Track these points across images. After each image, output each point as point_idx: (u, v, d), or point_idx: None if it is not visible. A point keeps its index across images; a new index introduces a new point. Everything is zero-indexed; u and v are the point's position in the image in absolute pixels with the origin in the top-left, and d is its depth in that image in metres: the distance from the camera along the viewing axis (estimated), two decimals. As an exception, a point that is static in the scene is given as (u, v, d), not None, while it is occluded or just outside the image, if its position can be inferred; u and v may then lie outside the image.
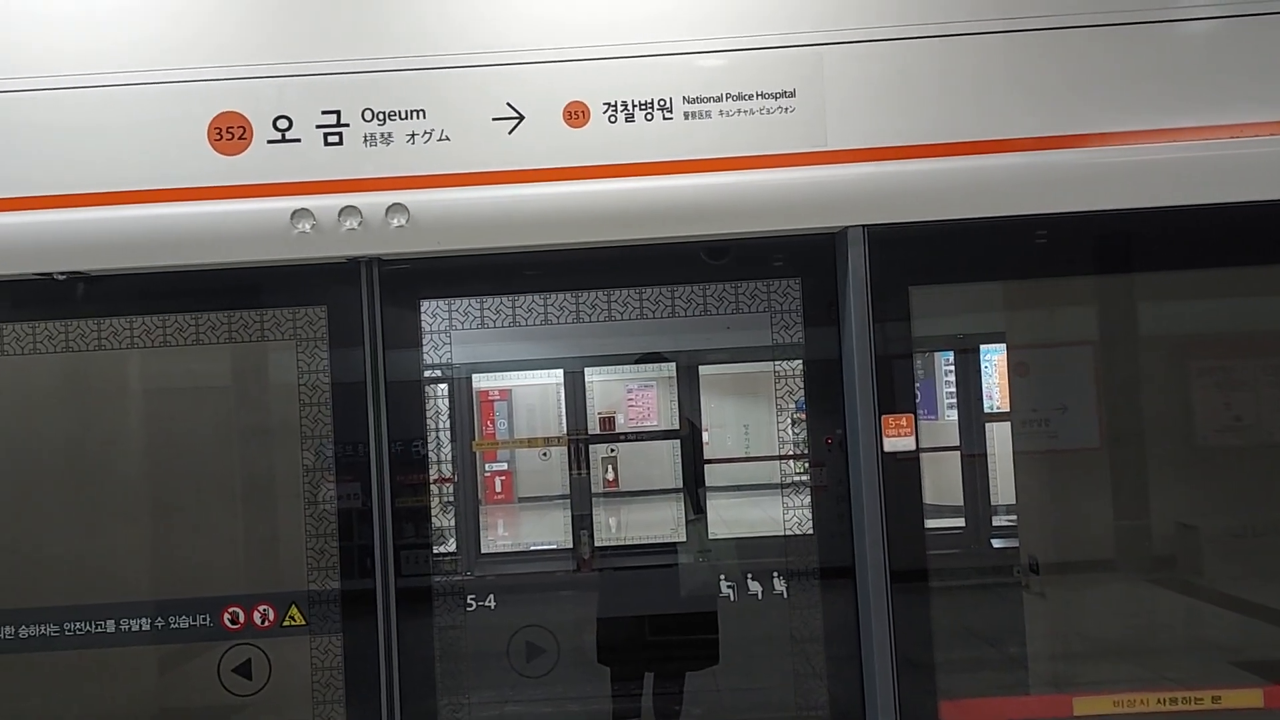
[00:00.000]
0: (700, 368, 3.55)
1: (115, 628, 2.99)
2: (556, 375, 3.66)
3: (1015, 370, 3.22)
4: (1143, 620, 3.23)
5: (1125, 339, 3.23)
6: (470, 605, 3.12)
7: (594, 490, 3.58)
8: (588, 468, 3.49)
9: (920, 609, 2.93)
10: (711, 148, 2.84)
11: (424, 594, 3.03)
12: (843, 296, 2.97)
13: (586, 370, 3.53)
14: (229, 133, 2.82)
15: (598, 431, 3.71)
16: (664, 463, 3.82)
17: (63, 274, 2.92)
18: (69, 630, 2.99)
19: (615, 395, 4.42)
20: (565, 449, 3.49)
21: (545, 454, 4.23)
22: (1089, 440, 3.17)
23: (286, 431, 3.01)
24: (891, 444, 2.91)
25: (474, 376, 3.32)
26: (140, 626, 2.99)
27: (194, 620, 3.00)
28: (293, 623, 2.99)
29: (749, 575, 3.17)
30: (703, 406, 3.55)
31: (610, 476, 4.43)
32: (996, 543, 3.79)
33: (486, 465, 4.75)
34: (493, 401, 4.68)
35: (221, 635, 3.00)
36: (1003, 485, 3.62)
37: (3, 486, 3.06)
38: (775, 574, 3.14)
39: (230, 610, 3.00)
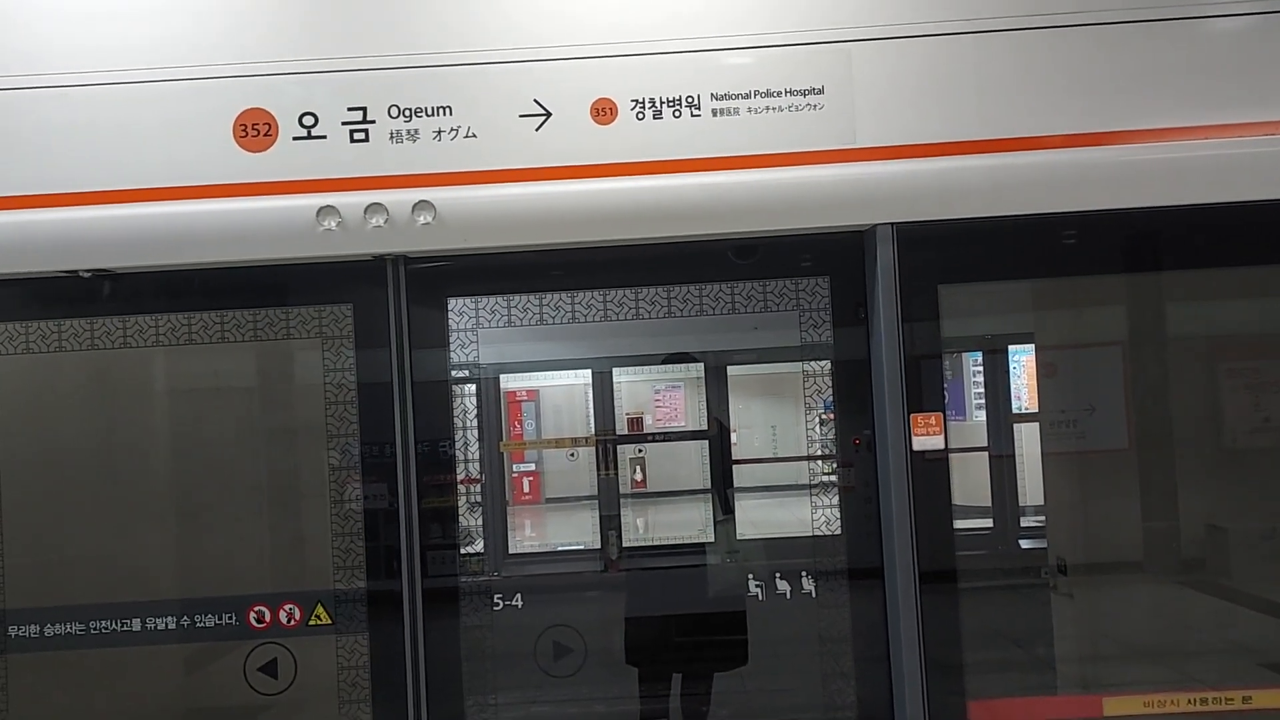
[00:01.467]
0: (729, 368, 3.52)
1: (141, 626, 2.99)
2: (584, 376, 3.63)
3: (1043, 370, 3.19)
4: (1172, 622, 3.20)
5: (1154, 339, 3.20)
6: (497, 605, 3.11)
7: (622, 491, 3.56)
8: (616, 468, 3.47)
9: (949, 609, 2.90)
10: (739, 145, 2.82)
11: (450, 594, 3.02)
12: (871, 295, 2.94)
13: (614, 371, 3.51)
14: (254, 130, 2.82)
15: (625, 432, 3.70)
16: (692, 463, 3.80)
17: (88, 271, 2.92)
18: (95, 629, 2.99)
19: (643, 396, 4.40)
20: (593, 449, 3.48)
21: (573, 454, 4.21)
22: (1117, 441, 3.14)
23: (312, 430, 3.00)
24: (921, 442, 2.89)
25: (501, 377, 3.30)
26: (166, 625, 2.99)
27: (220, 619, 2.99)
28: (319, 622, 2.99)
29: (777, 575, 3.15)
30: (730, 407, 3.52)
31: (638, 477, 4.41)
32: (1024, 543, 3.76)
33: (514, 466, 4.74)
34: (520, 402, 4.67)
35: (247, 634, 2.99)
36: (1030, 486, 3.59)
37: (28, 485, 3.06)
38: (803, 574, 3.12)
39: (256, 609, 3.00)
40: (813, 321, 3.07)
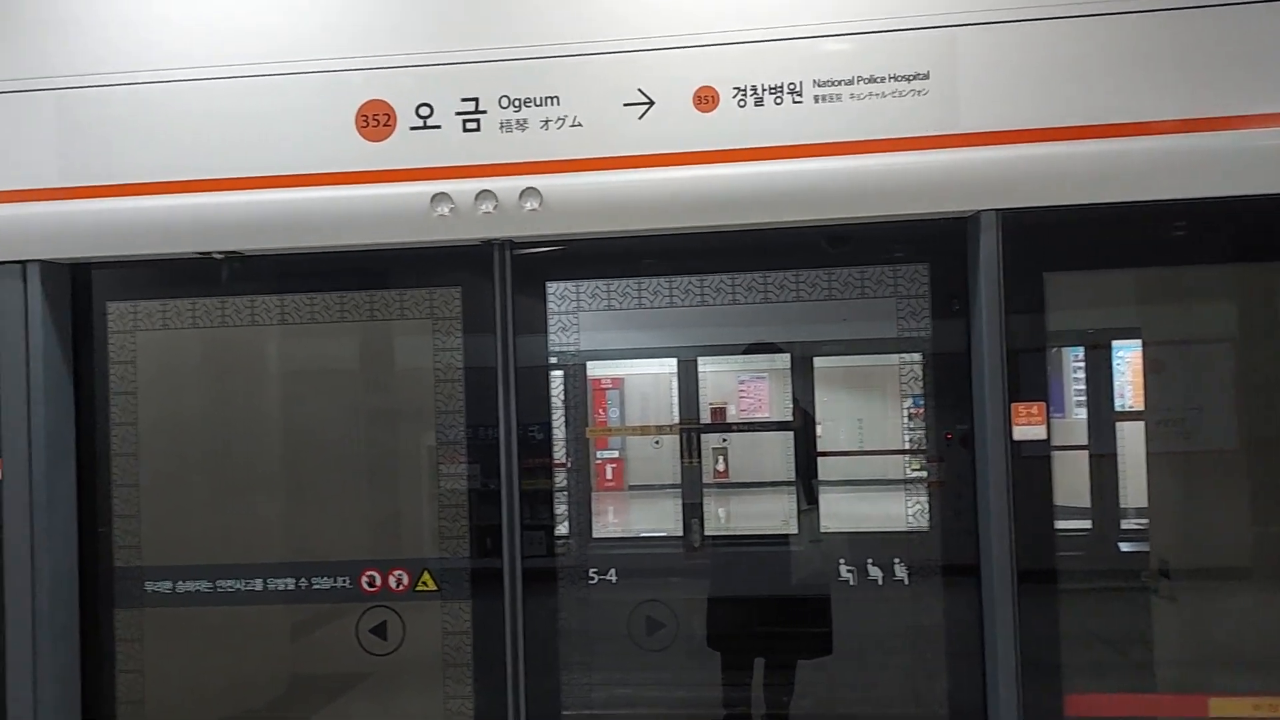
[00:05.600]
0: (815, 359, 3.53)
1: (263, 586, 3.18)
2: (670, 364, 3.69)
3: (1150, 366, 3.10)
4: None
5: (1269, 334, 3.08)
6: (592, 579, 3.20)
7: (705, 480, 3.60)
8: (699, 457, 3.51)
9: (1046, 610, 2.86)
10: (841, 131, 2.83)
11: (549, 572, 3.12)
12: (973, 283, 2.92)
13: (700, 360, 3.56)
14: (375, 120, 2.96)
15: (709, 421, 3.73)
16: (776, 455, 3.80)
17: (220, 253, 3.12)
18: (221, 587, 3.20)
19: (727, 386, 4.42)
20: (676, 438, 3.53)
21: (658, 442, 4.26)
22: (1226, 441, 3.03)
23: (420, 408, 3.14)
24: (1021, 432, 2.85)
25: (589, 364, 3.40)
26: (285, 586, 3.18)
27: (334, 582, 3.17)
28: (425, 588, 3.13)
29: (868, 563, 3.15)
30: (815, 398, 3.53)
31: (720, 467, 4.44)
32: (1125, 546, 3.65)
33: (598, 452, 4.82)
34: (605, 390, 4.75)
35: (359, 597, 3.16)
36: (1132, 487, 3.49)
37: (166, 453, 3.29)
38: (892, 566, 3.11)
39: (368, 573, 3.16)
40: (910, 309, 3.06)
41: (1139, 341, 3.17)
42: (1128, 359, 3.83)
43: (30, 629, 3.06)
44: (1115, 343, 3.68)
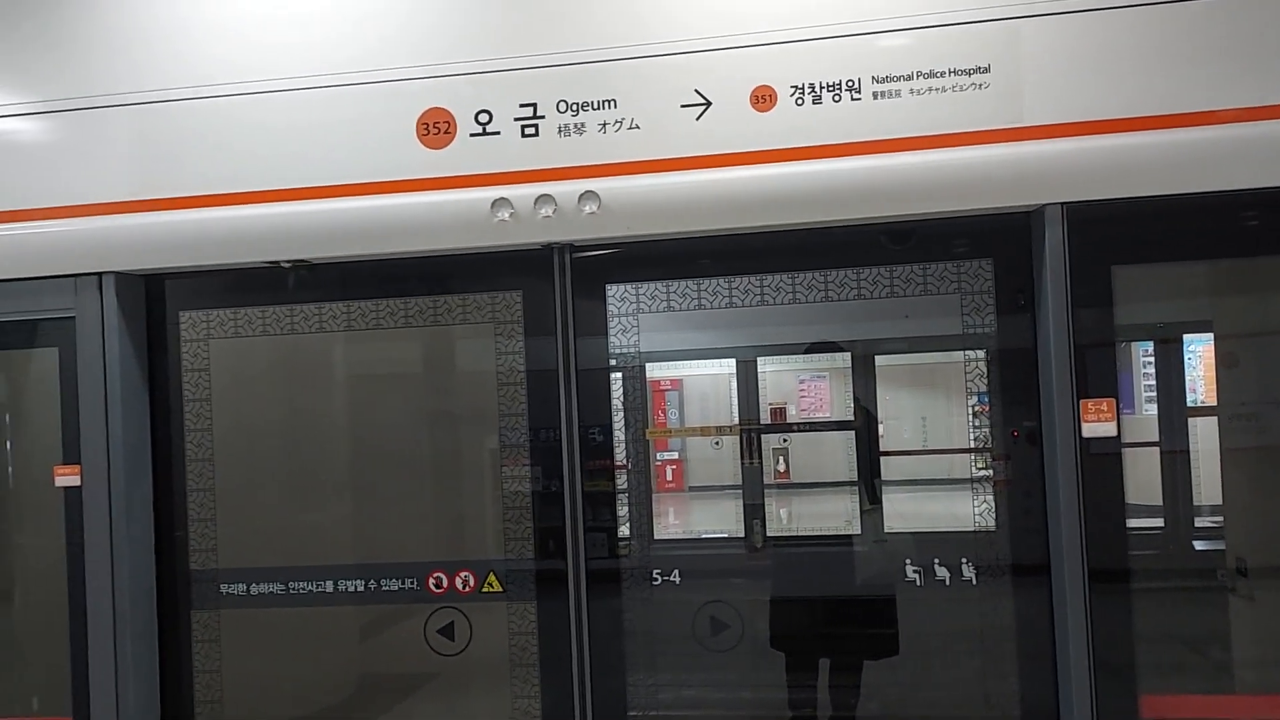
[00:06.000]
0: (876, 357, 3.50)
1: (334, 588, 3.25)
2: (729, 365, 3.68)
3: (1223, 361, 3.03)
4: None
5: None
6: (656, 580, 3.21)
7: (766, 481, 3.59)
8: (760, 458, 3.51)
9: (1119, 609, 2.81)
10: (901, 127, 2.81)
11: (612, 573, 3.15)
12: (1039, 277, 2.88)
13: (759, 360, 3.55)
14: (435, 128, 3.01)
15: (769, 422, 3.72)
16: (837, 454, 3.77)
17: (288, 262, 3.19)
18: (294, 589, 3.27)
19: (788, 386, 4.40)
20: (736, 438, 3.53)
21: (718, 443, 4.26)
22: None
23: (484, 411, 3.19)
24: (1091, 429, 2.80)
25: (648, 365, 3.41)
26: (355, 588, 3.24)
27: (402, 583, 3.22)
28: (491, 589, 3.17)
29: (935, 562, 3.12)
30: (878, 397, 3.50)
31: (781, 468, 4.42)
32: (1199, 544, 3.56)
33: (657, 454, 4.84)
34: (664, 391, 4.76)
35: (426, 598, 3.21)
36: (1206, 485, 3.40)
37: (239, 459, 3.37)
38: (960, 566, 3.08)
39: (435, 575, 3.21)
40: (975, 305, 3.03)
41: (1210, 335, 3.09)
42: (1199, 353, 3.74)
43: (111, 631, 3.16)
44: (1186, 336, 3.61)
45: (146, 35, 3.16)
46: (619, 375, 3.23)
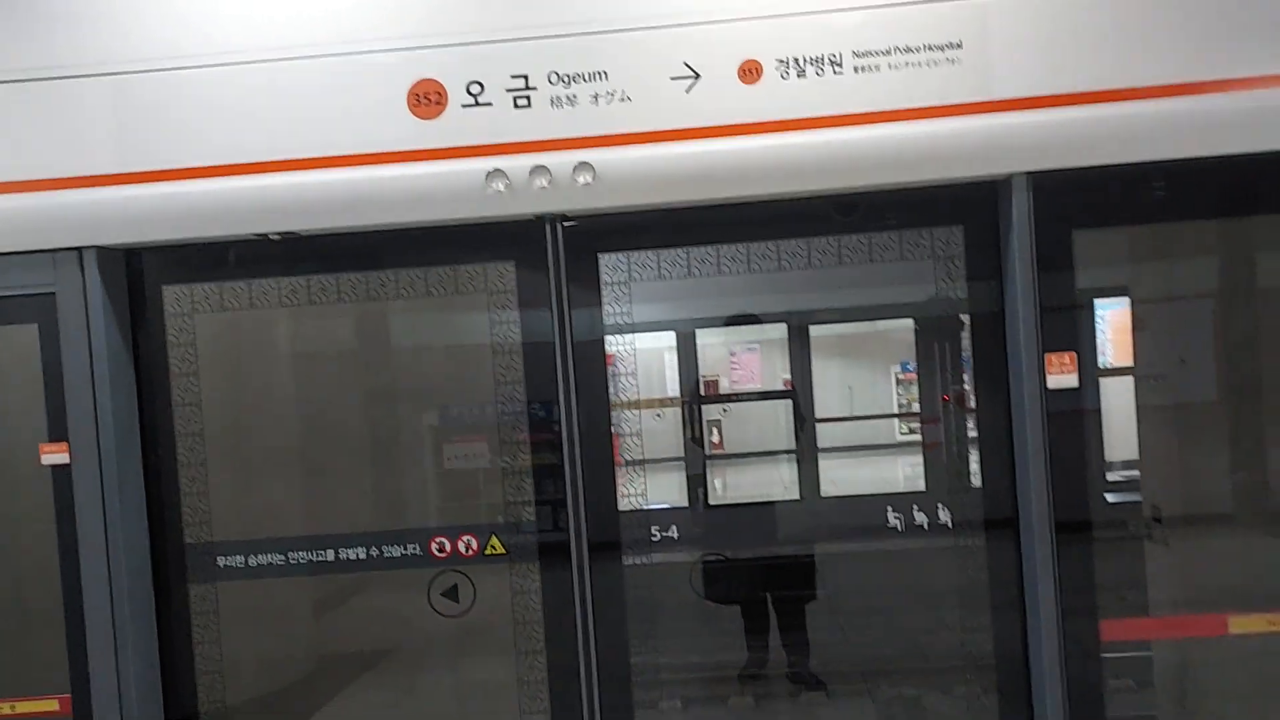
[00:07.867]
0: (810, 328, 3.67)
1: (335, 557, 3.29)
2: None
3: (1136, 324, 3.26)
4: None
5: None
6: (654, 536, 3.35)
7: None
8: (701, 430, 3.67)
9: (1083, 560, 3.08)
10: (879, 100, 2.95)
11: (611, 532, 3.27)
12: (1005, 242, 3.08)
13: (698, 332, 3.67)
14: (427, 99, 3.02)
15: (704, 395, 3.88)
16: (776, 424, 3.96)
17: (277, 234, 3.17)
18: (294, 560, 3.30)
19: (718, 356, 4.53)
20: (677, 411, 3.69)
21: (659, 414, 4.36)
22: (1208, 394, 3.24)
23: (480, 380, 3.25)
24: (1056, 381, 3.04)
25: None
26: (357, 555, 3.29)
27: (405, 549, 3.28)
28: (494, 551, 3.26)
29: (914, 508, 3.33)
30: (812, 365, 3.68)
31: (715, 439, 4.57)
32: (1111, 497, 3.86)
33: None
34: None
35: (429, 563, 3.28)
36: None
37: (229, 432, 3.36)
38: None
39: (437, 540, 3.28)
40: (946, 271, 3.22)
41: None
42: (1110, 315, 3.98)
43: (109, 607, 3.14)
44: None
45: (131, 4, 3.07)
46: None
